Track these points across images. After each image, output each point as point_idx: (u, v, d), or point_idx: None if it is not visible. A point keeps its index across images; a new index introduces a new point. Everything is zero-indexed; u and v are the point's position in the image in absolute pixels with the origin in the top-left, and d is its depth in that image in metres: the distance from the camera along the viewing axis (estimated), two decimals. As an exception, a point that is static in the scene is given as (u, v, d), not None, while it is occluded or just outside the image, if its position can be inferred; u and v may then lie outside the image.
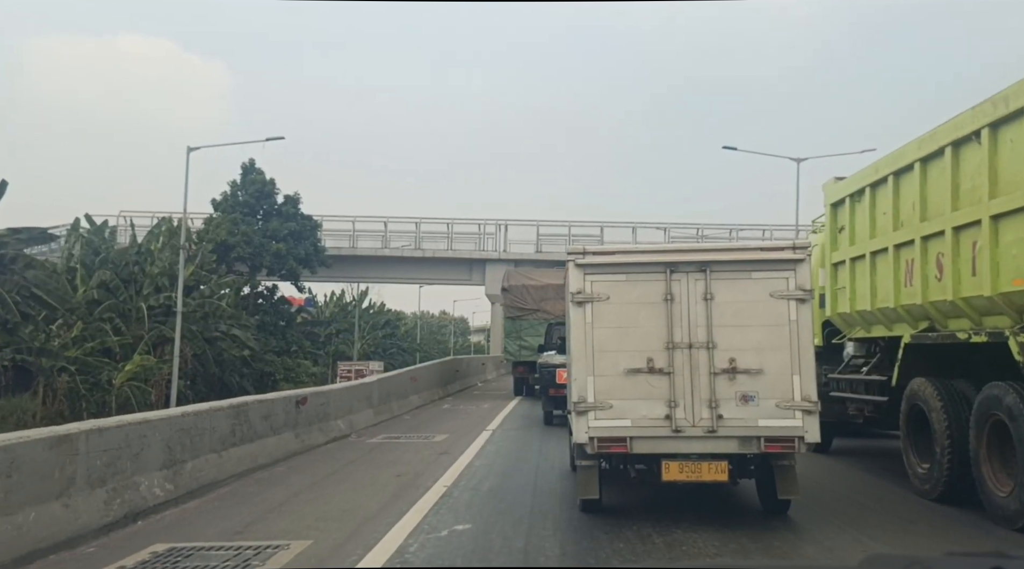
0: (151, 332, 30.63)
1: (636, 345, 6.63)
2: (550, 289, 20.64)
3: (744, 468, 6.82)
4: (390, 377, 17.20)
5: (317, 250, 39.35)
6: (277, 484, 9.21)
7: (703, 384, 6.55)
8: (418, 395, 20.02)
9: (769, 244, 8.20)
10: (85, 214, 32.72)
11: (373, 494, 8.62)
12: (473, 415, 18.03)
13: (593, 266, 6.78)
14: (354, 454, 11.65)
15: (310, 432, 11.90)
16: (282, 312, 40.41)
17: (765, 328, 6.51)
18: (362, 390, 14.84)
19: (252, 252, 37.43)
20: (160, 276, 31.59)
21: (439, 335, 79.28)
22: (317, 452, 11.66)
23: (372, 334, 55.39)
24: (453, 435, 13.95)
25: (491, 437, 13.75)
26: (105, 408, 27.43)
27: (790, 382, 6.44)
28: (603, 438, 6.58)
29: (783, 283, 6.52)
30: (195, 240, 36.62)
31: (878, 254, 8.60)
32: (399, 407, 17.76)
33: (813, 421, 6.44)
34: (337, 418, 13.34)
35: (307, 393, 12.00)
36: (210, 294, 32.74)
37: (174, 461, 7.95)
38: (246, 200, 38.50)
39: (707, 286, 6.62)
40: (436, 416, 17.79)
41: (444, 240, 43.53)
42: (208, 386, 33.17)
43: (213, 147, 29.67)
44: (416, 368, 21.16)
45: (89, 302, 29.85)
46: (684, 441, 6.56)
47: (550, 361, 15.25)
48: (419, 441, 13.24)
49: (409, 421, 16.65)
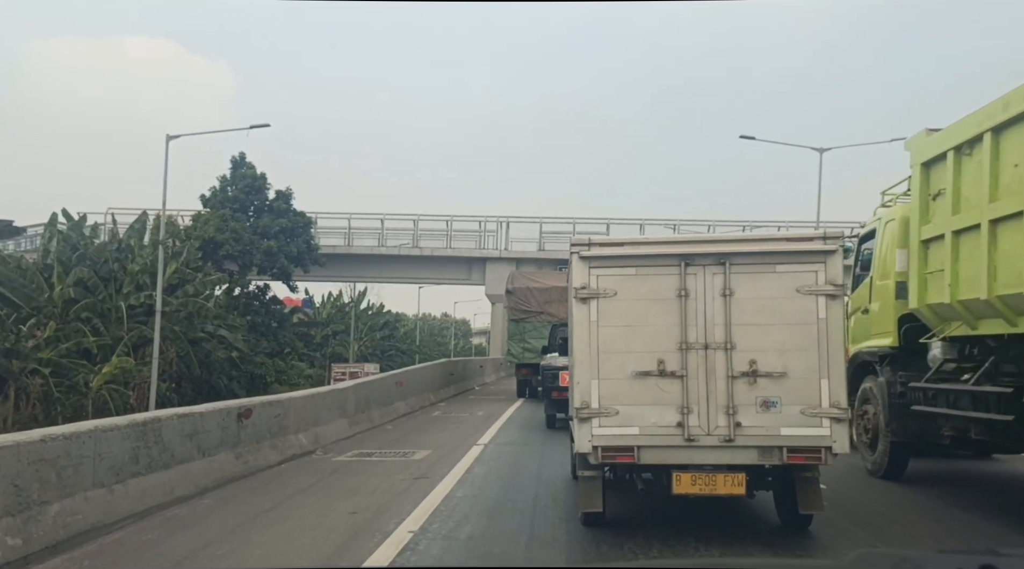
0: (131, 333, 28.28)
1: (646, 346, 5.99)
2: (554, 291, 20.01)
3: (761, 479, 6.13)
4: (370, 382, 14.80)
5: (310, 248, 36.95)
6: (190, 526, 6.79)
7: (720, 389, 5.90)
8: (405, 402, 17.59)
9: (796, 234, 7.15)
10: (62, 209, 30.35)
11: (309, 545, 6.19)
12: (465, 424, 15.61)
13: (599, 259, 6.10)
14: (310, 478, 9.23)
15: (259, 450, 9.48)
16: (274, 313, 38.03)
17: (790, 327, 5.86)
18: (332, 398, 12.41)
19: (241, 250, 35.04)
20: (141, 274, 29.20)
21: (440, 337, 76.72)
22: (264, 476, 9.24)
23: (370, 336, 52.90)
24: (437, 451, 11.53)
25: (482, 454, 11.34)
26: (81, 412, 25.17)
27: (817, 387, 5.78)
28: (608, 447, 5.94)
29: (811, 277, 5.83)
30: (183, 237, 34.32)
31: (1003, 222, 6.13)
32: (381, 416, 15.34)
33: (842, 430, 5.80)
34: (298, 431, 10.92)
35: (255, 403, 9.58)
36: (194, 293, 30.28)
37: (25, 505, 5.54)
38: (236, 195, 36.10)
39: (726, 280, 5.95)
40: (423, 426, 15.36)
41: (443, 238, 41.07)
42: (195, 389, 30.94)
43: (195, 135, 27.41)
44: (403, 371, 18.76)
45: (66, 301, 27.49)
46: (698, 451, 5.91)
47: (553, 363, 14.40)
48: (395, 460, 10.82)
49: (390, 432, 14.22)
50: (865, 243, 10.58)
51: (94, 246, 29.70)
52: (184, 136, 27.15)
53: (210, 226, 34.84)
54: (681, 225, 41.13)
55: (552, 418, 14.28)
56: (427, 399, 19.93)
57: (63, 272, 28.13)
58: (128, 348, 28.02)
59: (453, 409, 19.39)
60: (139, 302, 28.79)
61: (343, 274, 41.91)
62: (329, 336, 49.92)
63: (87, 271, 27.99)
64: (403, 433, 14.12)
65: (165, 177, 26.47)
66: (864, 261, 10.59)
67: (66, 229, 30.09)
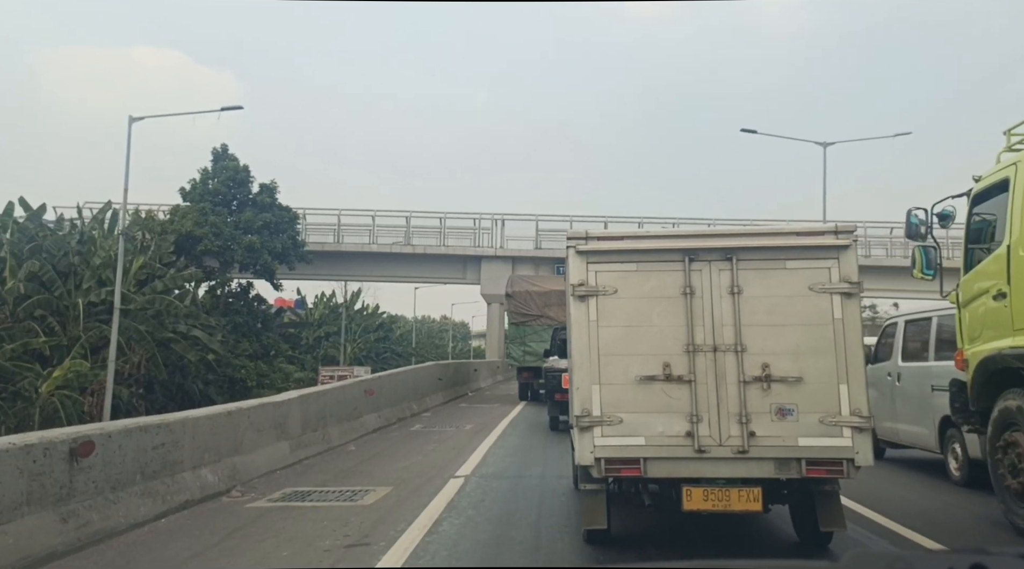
0: (90, 333, 24.86)
1: (650, 348, 5.31)
2: (553, 295, 19.78)
3: (777, 492, 5.38)
4: (325, 392, 11.39)
5: (295, 244, 33.53)
6: None
7: (731, 395, 5.21)
8: (378, 414, 14.18)
9: (807, 228, 5.81)
10: (19, 198, 26.92)
11: None
12: (447, 443, 12.20)
13: (597, 253, 5.47)
14: (189, 546, 5.82)
15: (113, 504, 6.05)
16: (258, 312, 34.64)
17: (804, 328, 5.22)
18: (262, 415, 8.94)
19: (221, 245, 31.65)
20: (104, 268, 25.78)
21: (437, 339, 73.08)
22: (115, 545, 5.81)
23: (364, 337, 49.34)
24: (399, 490, 8.13)
25: (459, 494, 7.91)
26: (27, 422, 21.79)
27: (836, 393, 5.12)
28: (612, 459, 5.22)
29: (824, 274, 5.24)
30: (158, 230, 30.95)
31: None
32: (343, 433, 11.92)
33: (865, 440, 5.09)
34: (200, 466, 7.50)
35: (107, 431, 6.12)
36: (164, 289, 26.86)
37: None
38: (217, 188, 32.71)
39: (734, 277, 5.33)
40: (394, 446, 11.95)
41: (436, 236, 37.64)
42: (167, 394, 27.59)
43: (161, 117, 23.90)
44: (376, 378, 15.33)
45: (16, 297, 24.09)
46: (709, 463, 5.18)
47: (556, 365, 13.56)
48: (336, 505, 7.41)
49: (349, 457, 10.80)
50: (981, 204, 7.33)
51: (51, 237, 26.25)
52: (148, 118, 23.84)
53: (188, 220, 31.47)
54: (681, 223, 37.80)
55: (555, 420, 13.86)
56: (408, 409, 16.51)
57: (16, 265, 24.74)
58: (85, 349, 24.62)
59: (438, 421, 15.98)
60: (100, 299, 25.36)
61: (332, 272, 38.41)
62: (322, 338, 46.54)
63: (39, 264, 24.55)
64: (365, 458, 10.70)
65: (127, 161, 23.21)
66: (979, 228, 7.36)
67: (23, 220, 26.65)
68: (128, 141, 23.19)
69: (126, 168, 23.21)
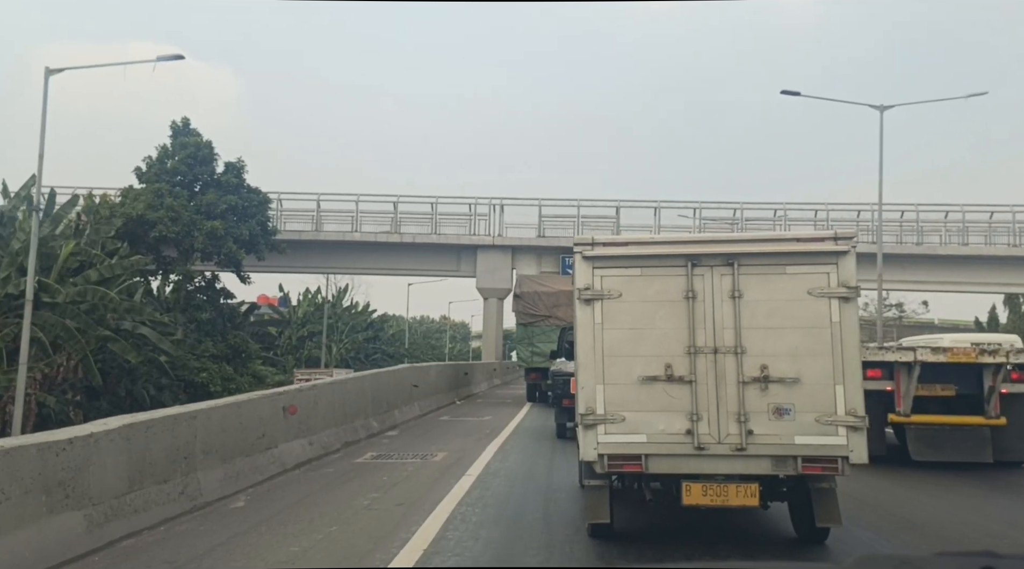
0: (5, 331, 20.30)
1: (653, 349, 5.37)
2: (562, 295, 19.25)
3: (775, 489, 5.48)
4: (195, 414, 6.67)
5: (265, 231, 28.83)
6: None
7: (730, 395, 5.28)
8: (308, 440, 9.47)
9: (806, 234, 5.99)
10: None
11: None
12: (396, 491, 7.55)
13: (603, 259, 5.52)
14: None
15: None
16: (224, 309, 30.03)
17: (802, 331, 5.29)
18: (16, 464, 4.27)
19: (180, 231, 27.00)
20: (25, 253, 21.17)
21: (434, 339, 68.33)
22: None
23: (352, 337, 44.60)
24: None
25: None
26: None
27: (832, 393, 5.21)
28: (614, 455, 5.29)
29: (823, 279, 5.30)
30: (104, 213, 26.37)
31: None
32: (228, 479, 7.20)
33: (859, 439, 5.18)
34: None
35: None
36: (99, 279, 22.25)
37: None
38: (176, 167, 28.09)
39: (735, 282, 5.37)
40: (305, 501, 7.21)
41: (428, 223, 33.00)
42: (113, 402, 23.00)
43: (80, 69, 19.31)
44: (311, 386, 10.60)
45: (-88, 288, 19.53)
46: (708, 460, 5.27)
47: (563, 369, 11.92)
48: None
49: (215, 527, 6.09)
50: None
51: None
52: (68, 70, 19.29)
53: (140, 202, 26.82)
54: (703, 207, 33.06)
55: (563, 427, 12.54)
56: (364, 428, 11.82)
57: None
58: (0, 350, 20.10)
59: (402, 445, 11.31)
60: (20, 291, 20.74)
61: (310, 264, 33.66)
62: (305, 337, 41.89)
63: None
64: (241, 528, 5.98)
65: (43, 118, 18.62)
66: None
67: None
68: (44, 95, 18.66)
69: (42, 129, 18.63)
